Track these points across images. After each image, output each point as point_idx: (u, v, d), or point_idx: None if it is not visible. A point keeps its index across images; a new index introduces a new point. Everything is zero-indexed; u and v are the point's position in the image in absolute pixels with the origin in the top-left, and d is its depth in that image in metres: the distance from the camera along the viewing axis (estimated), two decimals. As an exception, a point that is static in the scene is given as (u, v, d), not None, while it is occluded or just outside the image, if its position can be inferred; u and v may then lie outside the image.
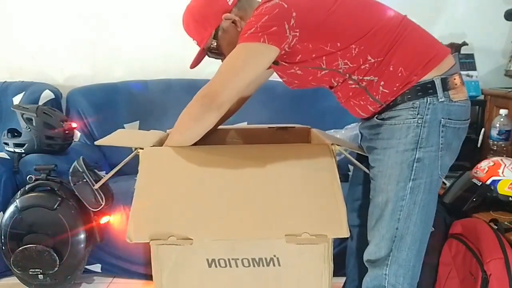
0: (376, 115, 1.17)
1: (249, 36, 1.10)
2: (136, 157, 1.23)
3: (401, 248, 1.14)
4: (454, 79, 1.12)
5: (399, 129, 1.11)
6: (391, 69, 1.11)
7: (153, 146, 1.29)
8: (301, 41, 1.12)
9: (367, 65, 1.12)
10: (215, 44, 1.25)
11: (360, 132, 1.28)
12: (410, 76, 1.10)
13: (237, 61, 1.14)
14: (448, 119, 1.10)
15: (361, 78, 1.14)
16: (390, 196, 1.13)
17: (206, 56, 1.34)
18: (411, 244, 1.14)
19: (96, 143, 1.34)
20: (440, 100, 1.09)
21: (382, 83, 1.12)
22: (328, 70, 1.16)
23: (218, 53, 1.27)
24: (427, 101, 1.09)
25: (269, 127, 1.60)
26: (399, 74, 1.11)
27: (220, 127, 1.64)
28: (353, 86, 1.16)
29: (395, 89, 1.11)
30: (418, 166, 1.10)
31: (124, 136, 1.52)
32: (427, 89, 1.10)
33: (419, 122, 1.09)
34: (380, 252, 1.15)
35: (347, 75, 1.15)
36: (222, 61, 1.27)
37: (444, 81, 1.10)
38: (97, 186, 1.69)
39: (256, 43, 1.10)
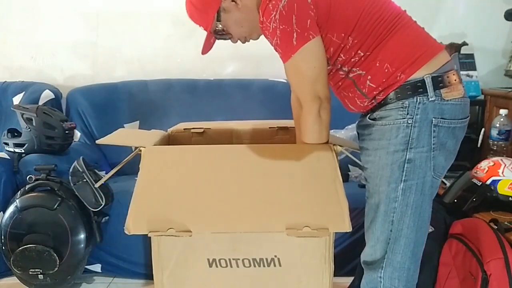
0: (369, 115, 1.16)
1: (298, 41, 1.10)
2: (136, 157, 1.23)
3: (396, 251, 1.12)
4: (448, 76, 1.09)
5: (389, 130, 1.10)
6: (377, 64, 1.10)
7: (154, 145, 1.29)
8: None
9: (356, 58, 1.12)
10: (220, 26, 1.24)
11: (357, 132, 1.27)
12: (396, 73, 1.09)
13: (304, 69, 1.14)
14: (441, 118, 1.08)
15: (349, 69, 1.14)
16: (382, 197, 1.11)
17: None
18: (405, 247, 1.12)
19: (97, 142, 1.34)
20: (430, 99, 1.07)
21: (369, 77, 1.12)
22: (330, 66, 1.17)
23: (224, 34, 1.26)
24: (417, 101, 1.07)
25: (269, 127, 1.60)
26: (385, 70, 1.09)
27: (221, 127, 1.64)
28: (343, 76, 1.17)
29: (381, 84, 1.10)
30: (409, 167, 1.08)
31: (125, 136, 1.53)
32: (417, 88, 1.07)
33: (409, 122, 1.07)
34: (376, 254, 1.14)
35: (339, 65, 1.16)
36: (231, 41, 1.28)
37: (436, 80, 1.07)
38: (97, 185, 1.69)
39: (308, 43, 1.10)
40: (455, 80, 1.10)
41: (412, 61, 1.09)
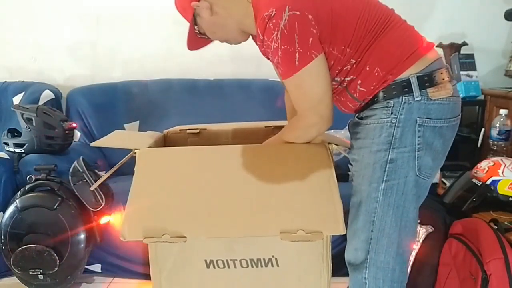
0: (357, 114, 1.17)
1: (301, 61, 1.07)
2: (135, 157, 1.23)
3: (378, 251, 1.11)
4: (435, 76, 1.08)
5: (373, 129, 1.10)
6: (367, 68, 1.09)
7: (149, 147, 1.29)
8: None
9: (348, 66, 1.11)
10: (197, 29, 1.26)
11: (349, 130, 1.27)
12: (386, 76, 1.08)
13: (306, 88, 1.11)
14: (426, 118, 1.07)
15: (342, 79, 1.14)
16: (363, 196, 1.11)
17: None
18: (387, 247, 1.11)
19: (92, 144, 1.34)
20: (416, 99, 1.06)
21: (359, 81, 1.11)
22: None
23: (205, 35, 1.28)
24: (402, 100, 1.07)
25: (265, 126, 1.60)
26: (376, 74, 1.09)
27: (218, 127, 1.64)
28: (336, 86, 1.16)
29: (372, 88, 1.10)
30: (391, 167, 1.08)
31: (120, 138, 1.52)
32: (402, 87, 1.07)
33: (392, 121, 1.07)
34: (357, 253, 1.14)
35: (333, 77, 1.14)
36: (216, 39, 1.27)
37: (422, 79, 1.06)
38: (95, 186, 1.69)
39: (311, 63, 1.07)
40: (443, 79, 1.08)
41: (402, 62, 1.08)
